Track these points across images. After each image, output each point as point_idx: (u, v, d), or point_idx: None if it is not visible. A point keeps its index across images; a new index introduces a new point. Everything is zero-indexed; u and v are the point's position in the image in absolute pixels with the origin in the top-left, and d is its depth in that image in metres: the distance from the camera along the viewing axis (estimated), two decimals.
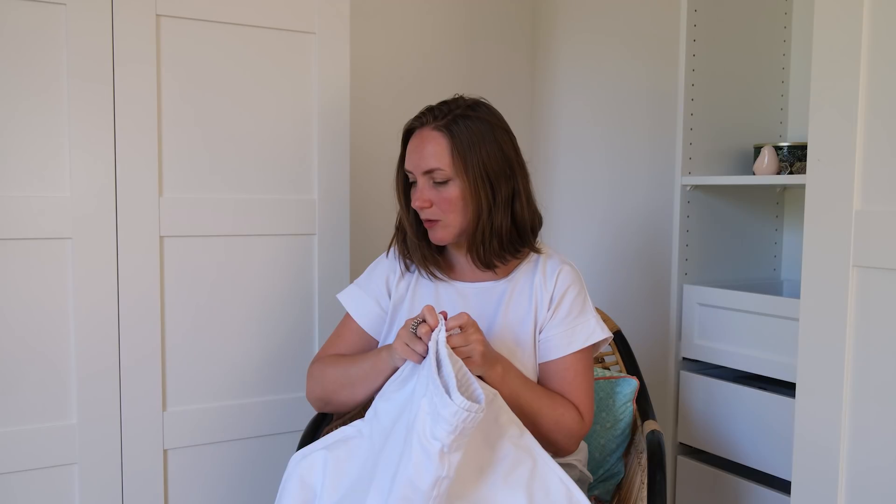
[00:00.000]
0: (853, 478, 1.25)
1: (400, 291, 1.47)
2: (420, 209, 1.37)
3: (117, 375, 1.58)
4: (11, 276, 1.49)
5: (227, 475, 1.72)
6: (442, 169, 1.33)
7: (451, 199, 1.35)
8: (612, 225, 2.34)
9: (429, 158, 1.34)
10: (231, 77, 1.67)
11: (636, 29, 2.24)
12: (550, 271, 1.42)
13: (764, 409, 1.69)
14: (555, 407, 1.34)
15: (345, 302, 1.50)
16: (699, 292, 1.82)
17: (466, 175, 1.34)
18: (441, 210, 1.36)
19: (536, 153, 2.58)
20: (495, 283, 1.43)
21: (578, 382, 1.38)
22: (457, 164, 1.33)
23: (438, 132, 1.35)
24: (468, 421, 1.11)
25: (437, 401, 1.12)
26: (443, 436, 1.10)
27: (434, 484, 1.11)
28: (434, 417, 1.12)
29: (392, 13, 2.31)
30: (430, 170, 1.34)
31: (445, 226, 1.37)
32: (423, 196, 1.36)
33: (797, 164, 1.77)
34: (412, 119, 1.41)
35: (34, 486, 1.52)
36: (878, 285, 1.21)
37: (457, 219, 1.36)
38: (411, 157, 1.37)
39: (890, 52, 1.19)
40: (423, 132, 1.36)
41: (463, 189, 1.34)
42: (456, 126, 1.34)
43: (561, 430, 1.34)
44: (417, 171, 1.36)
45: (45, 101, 1.50)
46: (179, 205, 1.63)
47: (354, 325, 1.48)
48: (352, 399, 1.40)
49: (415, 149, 1.37)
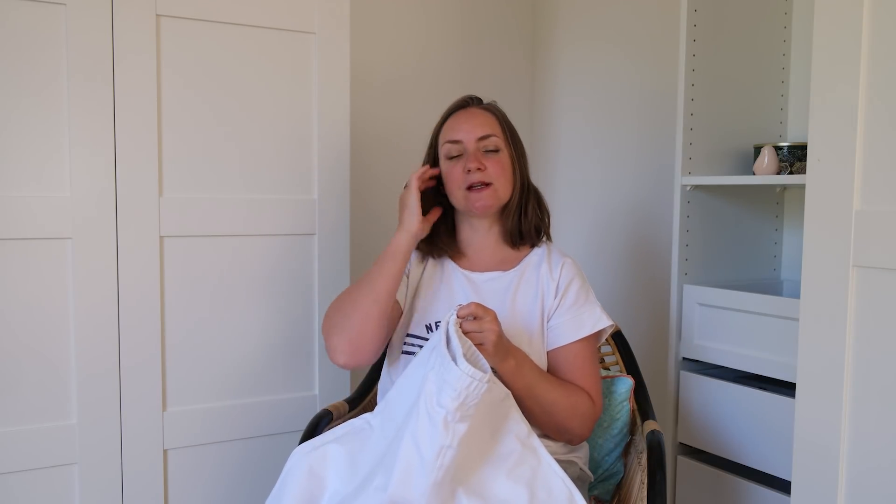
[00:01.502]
0: (853, 478, 1.25)
1: (415, 275, 1.50)
2: (475, 170, 1.42)
3: (117, 375, 1.58)
4: (11, 276, 1.49)
5: (227, 475, 1.72)
6: (496, 136, 1.45)
7: (503, 164, 1.45)
8: (611, 225, 2.34)
9: (485, 126, 1.45)
10: (231, 77, 1.67)
11: (636, 29, 2.24)
12: (555, 263, 1.48)
13: (764, 409, 1.69)
14: (569, 395, 1.37)
15: None
16: (699, 292, 1.82)
17: (515, 148, 1.47)
18: (494, 174, 1.43)
19: (536, 153, 2.58)
20: (504, 274, 1.47)
21: (587, 368, 1.42)
22: (506, 137, 1.47)
23: (487, 111, 1.49)
24: (472, 388, 1.12)
25: (443, 369, 1.13)
26: (447, 402, 1.11)
27: (438, 453, 1.12)
28: (440, 385, 1.13)
29: (392, 13, 2.31)
30: (486, 136, 1.44)
31: (495, 190, 1.43)
32: (477, 159, 1.42)
33: (797, 164, 1.77)
34: (452, 105, 1.51)
35: (34, 486, 1.52)
36: (878, 285, 1.21)
37: (506, 185, 1.45)
38: (465, 125, 1.45)
39: (890, 53, 1.19)
40: (472, 109, 1.49)
41: (511, 159, 1.46)
42: (498, 110, 1.51)
43: (576, 417, 1.37)
44: (472, 136, 1.44)
45: (45, 100, 1.50)
46: (179, 205, 1.63)
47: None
48: (374, 302, 1.37)
49: (468, 119, 1.46)
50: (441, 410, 1.12)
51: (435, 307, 1.46)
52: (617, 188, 2.31)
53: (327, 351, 1.41)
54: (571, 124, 2.45)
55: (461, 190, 1.43)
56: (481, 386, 1.13)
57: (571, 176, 2.46)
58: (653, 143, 2.19)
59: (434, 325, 1.44)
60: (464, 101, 1.51)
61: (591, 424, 1.40)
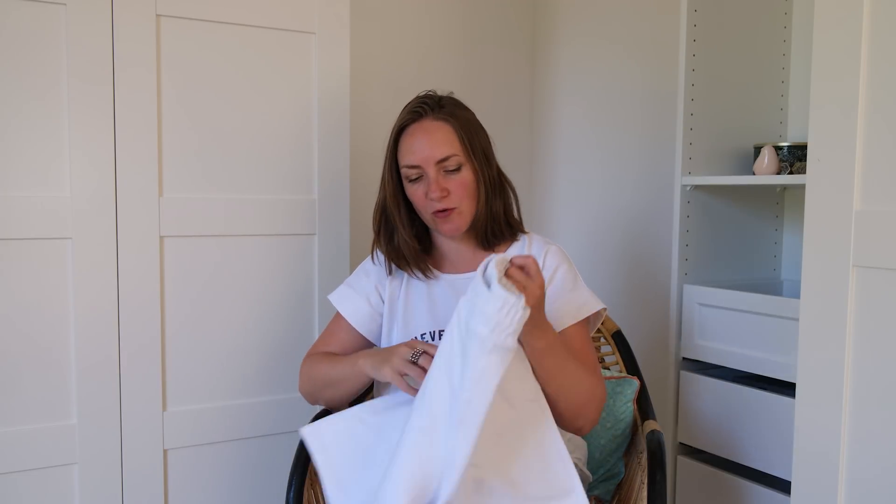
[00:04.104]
0: (853, 478, 1.25)
1: (392, 290, 1.47)
2: (438, 199, 1.36)
3: (117, 375, 1.58)
4: (12, 276, 1.49)
5: (227, 475, 1.72)
6: (456, 154, 1.36)
7: (466, 183, 1.37)
8: (611, 225, 2.34)
9: (442, 146, 1.36)
10: (231, 77, 1.67)
11: (636, 29, 2.24)
12: (537, 252, 1.44)
13: (764, 409, 1.69)
14: (589, 376, 1.30)
15: (335, 301, 1.50)
16: (699, 292, 1.82)
17: (475, 159, 1.38)
18: (458, 197, 1.37)
19: (536, 154, 2.58)
20: None
21: (587, 351, 1.37)
22: (465, 150, 1.37)
23: (442, 121, 1.37)
24: (510, 311, 1.06)
25: (478, 300, 1.08)
26: (480, 328, 1.07)
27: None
28: (470, 311, 1.09)
29: (392, 13, 2.31)
30: (445, 157, 1.36)
31: (461, 213, 1.38)
32: (439, 185, 1.36)
33: (797, 164, 1.77)
34: (404, 115, 1.40)
35: (34, 486, 1.52)
36: (878, 285, 1.21)
37: (471, 204, 1.39)
38: (419, 149, 1.36)
39: (890, 52, 1.19)
40: (425, 124, 1.37)
41: (474, 173, 1.39)
42: (454, 115, 1.38)
43: (595, 401, 1.30)
44: (430, 161, 1.35)
45: (45, 100, 1.50)
46: (179, 205, 1.63)
47: (345, 324, 1.49)
48: (336, 398, 1.44)
49: (422, 140, 1.36)
50: (486, 334, 1.07)
51: (417, 321, 1.43)
52: (617, 188, 2.31)
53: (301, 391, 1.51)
54: (571, 124, 2.45)
55: (427, 213, 1.39)
56: (519, 306, 1.06)
57: (571, 176, 2.46)
58: (653, 143, 2.19)
59: (419, 339, 1.40)
60: (416, 111, 1.38)
61: (602, 409, 1.34)
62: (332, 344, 1.50)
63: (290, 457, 1.42)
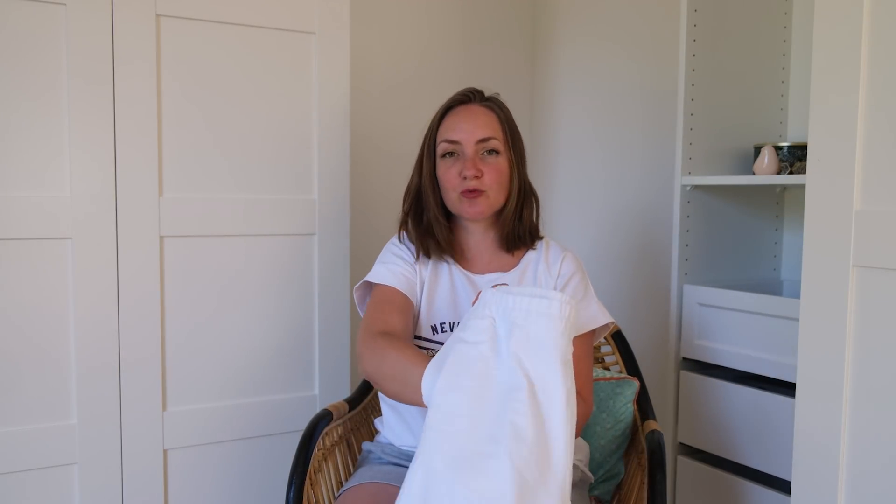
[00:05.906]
0: (853, 478, 1.25)
1: (420, 273, 1.44)
2: (472, 178, 1.37)
3: (117, 375, 1.58)
4: (12, 276, 1.49)
5: (227, 475, 1.72)
6: (496, 139, 1.39)
7: (500, 170, 1.39)
8: (612, 225, 2.34)
9: (484, 128, 1.39)
10: (231, 77, 1.67)
11: (636, 29, 2.24)
12: (553, 259, 1.45)
13: (764, 409, 1.69)
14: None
15: (377, 278, 1.42)
16: (699, 292, 1.82)
17: (513, 151, 1.41)
18: (490, 181, 1.38)
19: (536, 153, 2.58)
20: (504, 275, 1.44)
21: (580, 367, 1.35)
22: (506, 140, 1.41)
23: (489, 109, 1.42)
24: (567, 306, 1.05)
25: (533, 306, 1.06)
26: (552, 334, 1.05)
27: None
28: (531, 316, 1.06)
29: (392, 13, 2.31)
30: (485, 138, 1.38)
31: (488, 198, 1.39)
32: (475, 164, 1.37)
33: (797, 164, 1.77)
34: (452, 99, 1.44)
35: (34, 486, 1.52)
36: (878, 285, 1.21)
37: (500, 193, 1.41)
38: (462, 125, 1.39)
39: (890, 53, 1.19)
40: (472, 107, 1.42)
41: (509, 164, 1.41)
42: (501, 108, 1.43)
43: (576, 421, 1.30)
44: (470, 139, 1.38)
45: (45, 100, 1.50)
46: (179, 205, 1.63)
47: (397, 293, 1.40)
48: (399, 397, 1.25)
49: (466, 119, 1.40)
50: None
51: (438, 308, 1.43)
52: (617, 188, 2.31)
53: (360, 366, 1.33)
54: (571, 124, 2.45)
55: (455, 192, 1.40)
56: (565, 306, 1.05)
57: (571, 176, 2.46)
58: (653, 143, 2.19)
59: (439, 327, 1.41)
60: (465, 95, 1.44)
61: (582, 426, 1.34)
62: (393, 315, 1.37)
63: (290, 457, 1.42)
